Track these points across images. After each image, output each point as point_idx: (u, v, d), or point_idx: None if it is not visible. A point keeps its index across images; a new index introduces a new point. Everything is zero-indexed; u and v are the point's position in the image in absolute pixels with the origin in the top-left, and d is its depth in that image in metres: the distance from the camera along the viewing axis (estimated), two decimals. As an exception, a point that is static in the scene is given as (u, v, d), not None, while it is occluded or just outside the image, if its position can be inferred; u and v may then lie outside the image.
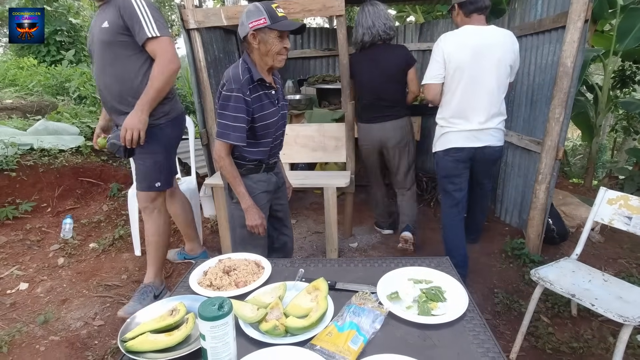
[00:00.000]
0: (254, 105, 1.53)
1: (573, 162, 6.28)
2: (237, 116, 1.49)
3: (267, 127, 1.59)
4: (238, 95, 1.48)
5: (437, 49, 2.05)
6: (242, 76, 1.49)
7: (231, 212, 1.72)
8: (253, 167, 1.65)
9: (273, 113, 1.59)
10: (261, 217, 1.61)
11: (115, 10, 1.71)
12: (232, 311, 0.81)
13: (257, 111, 1.54)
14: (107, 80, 1.82)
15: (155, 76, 1.73)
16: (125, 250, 2.77)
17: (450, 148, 2.14)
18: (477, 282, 2.37)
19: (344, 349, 0.84)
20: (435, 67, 2.06)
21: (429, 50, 4.07)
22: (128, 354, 0.84)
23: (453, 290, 1.07)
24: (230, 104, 1.48)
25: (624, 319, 1.39)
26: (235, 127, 1.50)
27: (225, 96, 1.49)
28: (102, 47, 1.77)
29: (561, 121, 2.25)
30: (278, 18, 1.47)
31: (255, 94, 1.53)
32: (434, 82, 2.08)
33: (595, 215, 1.83)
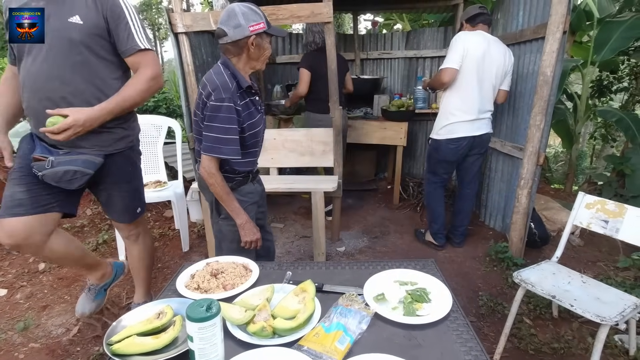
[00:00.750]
0: (243, 114, 1.45)
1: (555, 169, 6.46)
2: (229, 128, 1.39)
3: (255, 136, 1.54)
4: (229, 105, 1.38)
5: (458, 42, 2.34)
6: (230, 84, 1.41)
7: (218, 227, 1.63)
8: (242, 179, 1.57)
9: (259, 120, 1.54)
10: (257, 232, 1.55)
11: (90, 5, 1.41)
12: (220, 312, 0.81)
13: (246, 120, 1.47)
14: (78, 82, 1.44)
15: (138, 88, 1.49)
16: (109, 255, 2.72)
17: (454, 137, 2.48)
18: (462, 285, 2.41)
19: (331, 349, 0.85)
20: (456, 56, 2.34)
21: (415, 58, 4.17)
22: (114, 357, 0.84)
23: (437, 292, 1.10)
24: (221, 115, 1.38)
25: (601, 319, 1.44)
26: (227, 140, 1.40)
27: (214, 107, 1.39)
28: (69, 45, 1.40)
29: (542, 128, 2.32)
30: (269, 23, 1.45)
31: (242, 101, 1.45)
32: (453, 66, 2.36)
33: (574, 219, 1.89)
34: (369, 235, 3.13)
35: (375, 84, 3.90)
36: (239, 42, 1.40)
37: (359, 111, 3.89)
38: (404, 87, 4.25)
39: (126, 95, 1.47)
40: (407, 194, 3.88)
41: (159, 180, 2.88)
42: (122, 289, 2.35)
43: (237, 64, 1.46)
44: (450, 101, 2.47)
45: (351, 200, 3.87)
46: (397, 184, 3.72)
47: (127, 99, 1.48)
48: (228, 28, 1.39)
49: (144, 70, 1.50)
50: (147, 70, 1.50)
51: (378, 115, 3.73)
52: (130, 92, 1.48)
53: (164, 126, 2.95)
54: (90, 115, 1.39)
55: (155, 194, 2.67)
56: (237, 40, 1.40)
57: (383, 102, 3.73)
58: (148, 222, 3.21)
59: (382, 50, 4.25)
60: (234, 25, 1.38)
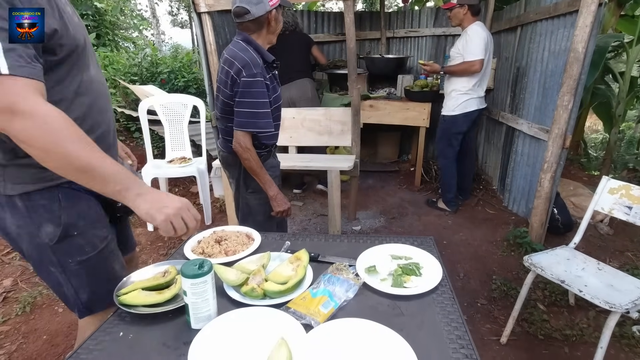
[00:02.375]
0: (270, 87, 1.49)
1: (598, 155, 6.05)
2: (263, 102, 1.43)
3: (278, 109, 1.59)
4: (260, 79, 1.42)
5: (479, 36, 2.66)
6: (258, 59, 1.43)
7: (246, 202, 1.68)
8: (266, 153, 1.63)
9: (280, 94, 1.59)
10: (288, 202, 1.62)
11: None
12: (211, 271, 0.88)
13: (272, 93, 1.51)
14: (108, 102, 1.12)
15: None
16: (139, 225, 2.92)
17: (470, 111, 2.86)
18: (475, 269, 2.39)
19: (314, 312, 0.90)
20: (481, 48, 2.67)
21: (444, 36, 4.01)
22: (121, 306, 0.94)
23: (430, 267, 1.11)
24: (254, 90, 1.41)
25: (611, 306, 1.40)
26: (262, 114, 1.45)
27: (247, 82, 1.41)
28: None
29: (570, 109, 2.20)
30: None
31: (268, 75, 1.49)
32: (482, 57, 2.68)
33: (596, 205, 1.81)
34: (387, 215, 3.14)
35: (400, 64, 3.81)
36: (260, 18, 1.42)
37: (382, 91, 3.83)
38: (431, 67, 4.11)
39: None
40: (429, 176, 3.83)
41: (184, 156, 3.02)
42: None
43: (257, 40, 1.48)
44: (464, 83, 2.81)
45: (372, 180, 3.87)
46: (419, 166, 3.67)
47: None
48: (250, 5, 1.40)
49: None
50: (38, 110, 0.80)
51: (401, 95, 3.66)
52: None
53: (189, 105, 3.06)
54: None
55: (180, 169, 2.82)
56: (259, 17, 1.41)
57: (407, 82, 3.65)
58: (175, 197, 3.40)
59: (409, 28, 4.12)
60: (255, 2, 1.39)
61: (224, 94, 1.51)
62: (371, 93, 3.80)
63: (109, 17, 8.18)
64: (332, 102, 3.57)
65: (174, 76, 5.02)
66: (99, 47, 7.41)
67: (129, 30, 10.40)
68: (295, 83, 3.26)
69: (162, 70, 5.00)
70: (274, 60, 1.49)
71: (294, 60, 3.25)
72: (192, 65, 5.49)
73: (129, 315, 0.94)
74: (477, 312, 2.05)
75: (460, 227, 2.90)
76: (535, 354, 1.77)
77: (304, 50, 3.35)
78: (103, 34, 7.96)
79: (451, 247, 2.64)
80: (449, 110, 2.90)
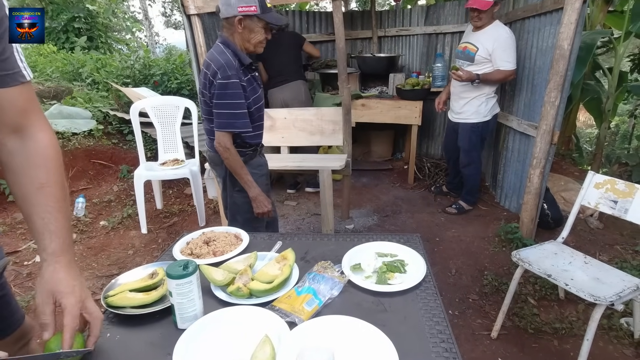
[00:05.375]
0: (248, 89, 1.52)
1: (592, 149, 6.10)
2: (239, 103, 1.47)
3: (260, 110, 1.61)
4: (236, 82, 1.45)
5: (512, 38, 2.61)
6: (233, 61, 1.47)
7: (233, 200, 1.71)
8: (252, 152, 1.65)
9: (261, 95, 1.61)
10: (269, 203, 1.63)
11: None
12: (196, 272, 0.89)
13: (251, 95, 1.54)
14: None
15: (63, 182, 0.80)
16: (133, 228, 2.93)
17: (497, 112, 2.88)
18: (467, 265, 2.41)
19: (298, 310, 0.91)
20: (515, 52, 2.63)
21: (435, 34, 4.03)
22: (108, 308, 0.95)
23: (415, 264, 1.13)
24: (229, 91, 1.46)
25: (595, 299, 1.42)
26: (239, 114, 1.48)
27: (222, 84, 1.45)
28: None
29: (557, 105, 2.22)
30: (267, 9, 1.45)
31: (246, 77, 1.52)
32: (516, 65, 2.67)
33: (583, 199, 1.83)
34: (380, 214, 3.16)
35: (391, 62, 3.83)
36: (229, 19, 1.46)
37: (374, 90, 3.85)
38: (422, 65, 4.14)
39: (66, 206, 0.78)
40: (423, 174, 3.85)
41: (177, 158, 3.03)
42: (143, 259, 2.53)
43: (237, 42, 1.51)
44: (493, 87, 2.76)
45: (365, 179, 3.89)
46: (412, 164, 3.69)
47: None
48: (222, 5, 1.46)
49: (43, 129, 0.77)
50: (47, 130, 0.78)
51: (393, 94, 3.68)
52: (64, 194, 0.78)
53: (181, 106, 3.07)
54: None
55: (172, 171, 2.83)
56: (227, 18, 1.45)
57: (398, 80, 3.67)
58: (169, 199, 3.40)
59: (400, 26, 4.14)
60: (226, 3, 1.44)
61: (205, 96, 1.56)
62: (363, 92, 3.82)
63: (101, 19, 8.16)
64: (324, 102, 3.59)
65: (167, 78, 5.01)
66: (91, 50, 7.37)
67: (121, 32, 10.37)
68: (289, 86, 3.27)
69: (154, 72, 5.00)
70: (251, 62, 1.51)
71: (285, 61, 3.26)
72: (185, 66, 5.48)
73: (117, 316, 0.95)
74: (469, 308, 2.08)
75: (452, 224, 2.92)
76: (525, 348, 1.80)
77: (295, 49, 3.35)
78: (96, 36, 7.93)
79: (444, 244, 2.66)
80: (482, 116, 2.79)
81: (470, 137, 2.85)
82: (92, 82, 4.96)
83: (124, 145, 3.83)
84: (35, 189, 0.73)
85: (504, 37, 2.56)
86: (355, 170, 3.72)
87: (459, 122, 2.89)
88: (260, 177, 1.70)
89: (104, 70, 5.21)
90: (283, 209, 3.27)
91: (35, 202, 0.73)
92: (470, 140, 2.86)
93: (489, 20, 2.62)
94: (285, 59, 3.26)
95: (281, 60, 3.25)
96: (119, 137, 3.89)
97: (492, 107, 2.81)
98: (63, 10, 7.53)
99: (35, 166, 0.74)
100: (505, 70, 2.61)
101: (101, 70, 5.17)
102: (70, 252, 0.77)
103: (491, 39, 2.59)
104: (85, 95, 4.30)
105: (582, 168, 4.16)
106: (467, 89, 2.77)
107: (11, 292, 1.02)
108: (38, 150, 0.75)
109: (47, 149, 0.76)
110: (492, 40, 2.59)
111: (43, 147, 0.75)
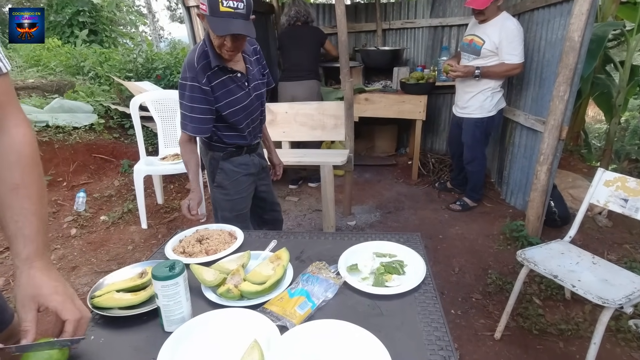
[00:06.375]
0: (218, 92, 1.42)
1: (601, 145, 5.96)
2: (192, 106, 1.39)
3: (237, 114, 1.49)
4: (192, 84, 1.37)
5: (519, 30, 2.49)
6: (197, 63, 1.36)
7: (213, 195, 1.69)
8: (234, 150, 1.59)
9: (242, 97, 1.48)
10: (191, 210, 1.47)
11: None
12: (183, 273, 0.86)
13: (222, 98, 1.44)
14: None
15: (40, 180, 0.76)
16: (133, 223, 2.91)
17: (503, 107, 2.78)
18: (471, 263, 2.36)
19: (290, 313, 0.87)
20: (523, 45, 2.52)
21: (440, 27, 3.94)
22: (94, 309, 0.92)
23: (414, 265, 1.08)
24: (186, 93, 1.39)
25: (604, 301, 1.37)
26: (192, 118, 1.41)
27: (180, 85, 1.40)
28: None
29: (566, 99, 2.15)
30: (218, 13, 1.22)
31: (217, 80, 1.41)
32: (524, 59, 2.56)
33: (592, 197, 1.77)
34: (382, 210, 3.11)
35: (396, 56, 3.75)
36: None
37: (378, 84, 3.78)
38: (427, 58, 4.05)
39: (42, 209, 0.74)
40: (427, 169, 3.79)
41: (178, 153, 2.99)
42: (142, 254, 2.51)
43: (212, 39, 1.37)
44: (496, 82, 2.65)
45: (369, 174, 3.84)
46: (416, 160, 3.63)
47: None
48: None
49: (19, 124, 0.73)
50: (23, 125, 0.74)
51: (397, 88, 3.61)
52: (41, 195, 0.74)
53: (182, 101, 3.02)
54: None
55: (172, 166, 2.79)
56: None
57: (403, 74, 3.59)
58: (170, 194, 3.38)
59: (405, 19, 4.05)
60: None
61: None
62: (367, 86, 3.75)
63: (105, 13, 8.13)
64: (327, 96, 3.53)
65: (170, 72, 4.97)
66: (94, 44, 7.35)
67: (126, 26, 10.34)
68: (302, 83, 3.21)
69: (157, 66, 4.96)
70: (218, 65, 1.39)
71: (303, 58, 3.22)
72: (187, 60, 5.42)
73: (102, 318, 0.92)
74: (472, 307, 2.03)
75: (456, 221, 2.86)
76: (530, 349, 1.75)
77: (314, 46, 3.28)
78: (100, 30, 7.91)
79: (447, 242, 2.61)
80: (487, 111, 2.69)
81: (475, 133, 2.77)
82: (94, 75, 4.93)
83: (125, 139, 3.81)
84: (8, 190, 0.68)
85: (511, 29, 2.46)
86: (358, 165, 3.67)
87: (463, 117, 2.82)
88: (244, 175, 1.63)
89: (106, 64, 5.18)
90: (284, 204, 3.23)
91: (8, 204, 0.68)
92: (474, 135, 2.78)
93: (494, 13, 2.53)
94: (303, 54, 3.22)
95: (299, 54, 3.21)
96: (120, 132, 3.87)
97: (498, 101, 2.71)
98: (67, 4, 7.52)
99: (8, 165, 0.69)
100: (510, 63, 2.51)
101: (104, 64, 5.14)
102: (46, 256, 0.73)
103: (498, 31, 2.50)
104: (87, 89, 4.28)
105: (591, 164, 4.07)
106: (472, 83, 2.69)
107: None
108: (13, 147, 0.70)
109: (22, 146, 0.71)
110: (498, 32, 2.49)
111: (18, 144, 0.71)
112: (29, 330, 0.69)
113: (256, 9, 3.48)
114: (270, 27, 4.09)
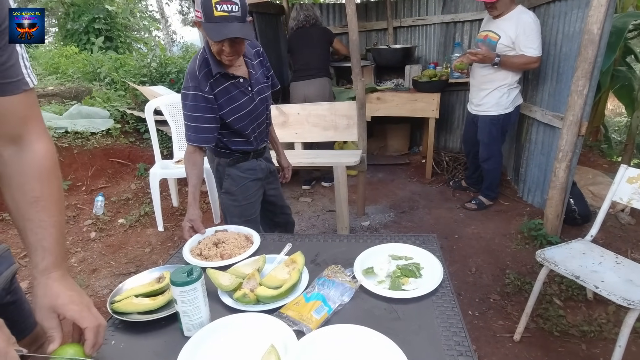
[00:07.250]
0: (221, 99, 1.41)
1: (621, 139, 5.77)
2: (197, 116, 1.37)
3: (241, 120, 1.48)
4: (195, 93, 1.35)
5: (536, 23, 2.43)
6: (198, 71, 1.35)
7: (222, 201, 1.69)
8: (241, 155, 1.58)
9: (246, 103, 1.47)
10: (192, 227, 1.37)
11: None
12: (200, 278, 0.86)
13: (225, 105, 1.42)
14: None
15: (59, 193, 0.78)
16: (150, 226, 2.96)
17: (519, 104, 2.72)
18: (488, 263, 2.32)
19: (307, 318, 0.87)
20: (540, 39, 2.45)
21: (452, 23, 3.88)
22: (114, 314, 0.93)
23: (431, 268, 1.07)
24: (188, 103, 1.37)
25: (629, 303, 1.32)
26: (195, 128, 1.39)
27: (182, 95, 1.38)
28: None
29: (585, 94, 2.09)
30: (213, 18, 1.20)
31: (219, 87, 1.39)
32: (542, 52, 2.50)
33: (614, 195, 1.71)
34: (396, 210, 3.08)
35: (407, 54, 3.71)
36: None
37: (390, 83, 3.75)
38: (440, 56, 4.00)
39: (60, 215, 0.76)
40: (441, 168, 3.74)
41: (192, 156, 3.03)
42: (159, 257, 2.55)
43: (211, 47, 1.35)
44: (516, 77, 2.60)
45: (382, 174, 3.81)
46: (430, 158, 3.58)
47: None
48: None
49: (40, 138, 0.74)
50: (44, 138, 0.75)
51: (410, 86, 3.57)
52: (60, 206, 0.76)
53: (195, 104, 3.06)
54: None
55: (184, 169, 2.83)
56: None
57: (415, 72, 3.55)
58: (185, 197, 3.43)
59: (416, 16, 4.00)
60: (195, 5, 1.27)
61: None
62: (378, 85, 3.73)
63: (119, 19, 8.30)
64: (339, 96, 3.53)
65: (183, 75, 5.05)
66: (110, 50, 7.51)
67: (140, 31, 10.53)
68: (313, 82, 3.26)
69: (170, 70, 5.04)
70: (219, 72, 1.37)
71: (313, 57, 3.27)
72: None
73: (122, 323, 0.93)
74: (490, 308, 1.99)
75: (472, 220, 2.82)
76: (551, 352, 1.71)
77: (324, 45, 3.33)
78: (115, 36, 8.08)
79: (463, 241, 2.57)
80: (503, 108, 2.64)
81: (491, 130, 2.72)
82: (110, 81, 5.04)
83: (141, 143, 3.88)
84: (28, 203, 0.70)
85: (528, 22, 2.40)
86: (371, 165, 3.65)
87: (478, 115, 2.77)
88: (252, 181, 1.63)
89: (122, 69, 5.29)
90: (298, 205, 3.24)
91: (28, 216, 0.70)
92: (490, 133, 2.72)
93: (507, 7, 2.46)
94: (313, 54, 3.26)
95: (309, 54, 3.26)
96: (136, 136, 3.95)
97: (515, 98, 2.65)
98: (84, 12, 7.70)
99: (30, 179, 0.71)
100: (530, 56, 2.44)
101: (119, 70, 5.26)
102: (63, 266, 0.74)
103: (514, 26, 2.43)
104: (103, 94, 4.38)
105: (612, 159, 3.95)
106: (488, 79, 2.63)
107: (24, 296, 1.02)
108: (34, 161, 0.72)
109: (43, 160, 0.73)
110: (514, 26, 2.43)
111: (39, 159, 0.73)
112: (55, 336, 0.71)
113: (266, 10, 3.60)
114: (280, 28, 4.11)
